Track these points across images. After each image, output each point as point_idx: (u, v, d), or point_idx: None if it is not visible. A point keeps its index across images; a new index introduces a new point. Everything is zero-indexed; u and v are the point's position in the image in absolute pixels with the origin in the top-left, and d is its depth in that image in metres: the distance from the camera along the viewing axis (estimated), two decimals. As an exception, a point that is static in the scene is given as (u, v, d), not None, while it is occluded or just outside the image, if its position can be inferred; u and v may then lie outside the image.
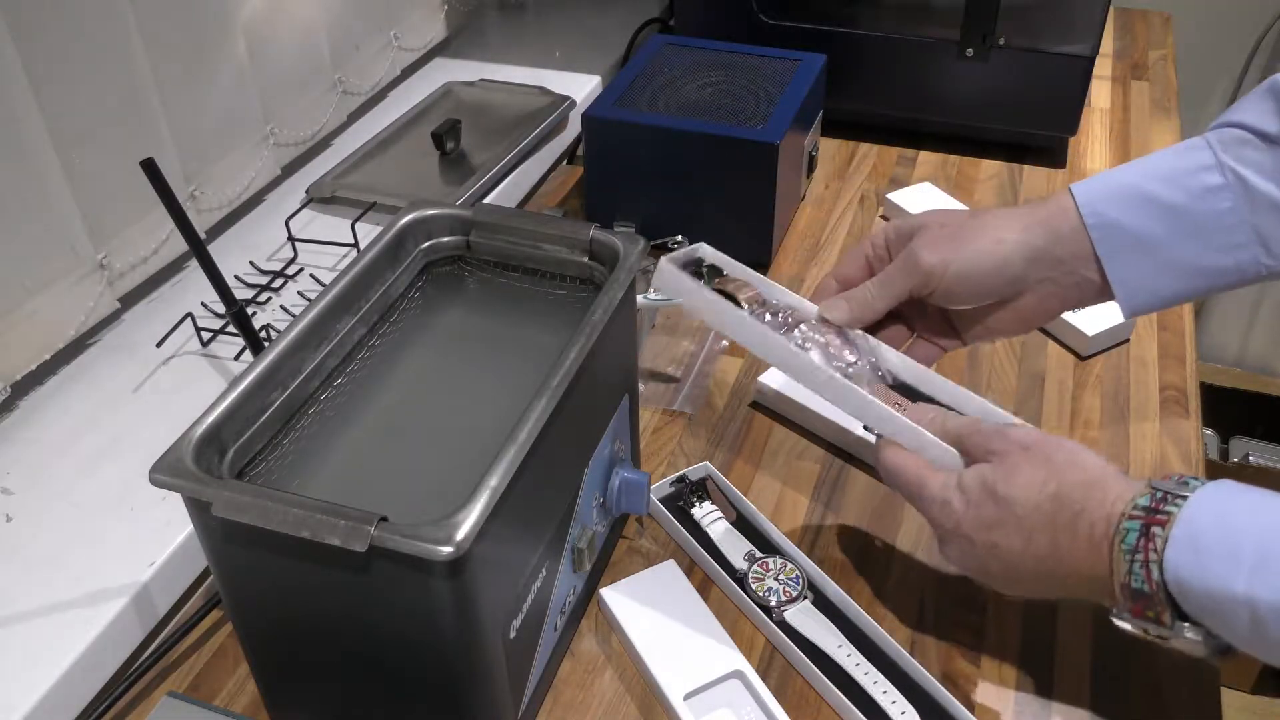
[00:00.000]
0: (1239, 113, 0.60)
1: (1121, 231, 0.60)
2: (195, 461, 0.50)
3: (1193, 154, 0.60)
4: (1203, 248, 0.59)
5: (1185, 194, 0.59)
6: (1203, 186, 0.59)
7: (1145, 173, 0.60)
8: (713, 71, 1.04)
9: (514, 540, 0.53)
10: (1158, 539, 0.48)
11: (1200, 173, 0.59)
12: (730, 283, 0.69)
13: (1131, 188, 0.60)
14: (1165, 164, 0.60)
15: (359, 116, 1.17)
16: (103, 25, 0.79)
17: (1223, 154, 0.59)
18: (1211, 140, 0.60)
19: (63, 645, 0.62)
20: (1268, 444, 1.80)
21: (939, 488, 0.58)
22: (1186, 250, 0.59)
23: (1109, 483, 0.52)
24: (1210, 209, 0.58)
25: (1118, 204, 0.60)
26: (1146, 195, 0.59)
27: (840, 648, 0.64)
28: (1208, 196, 0.58)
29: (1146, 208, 0.59)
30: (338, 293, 0.62)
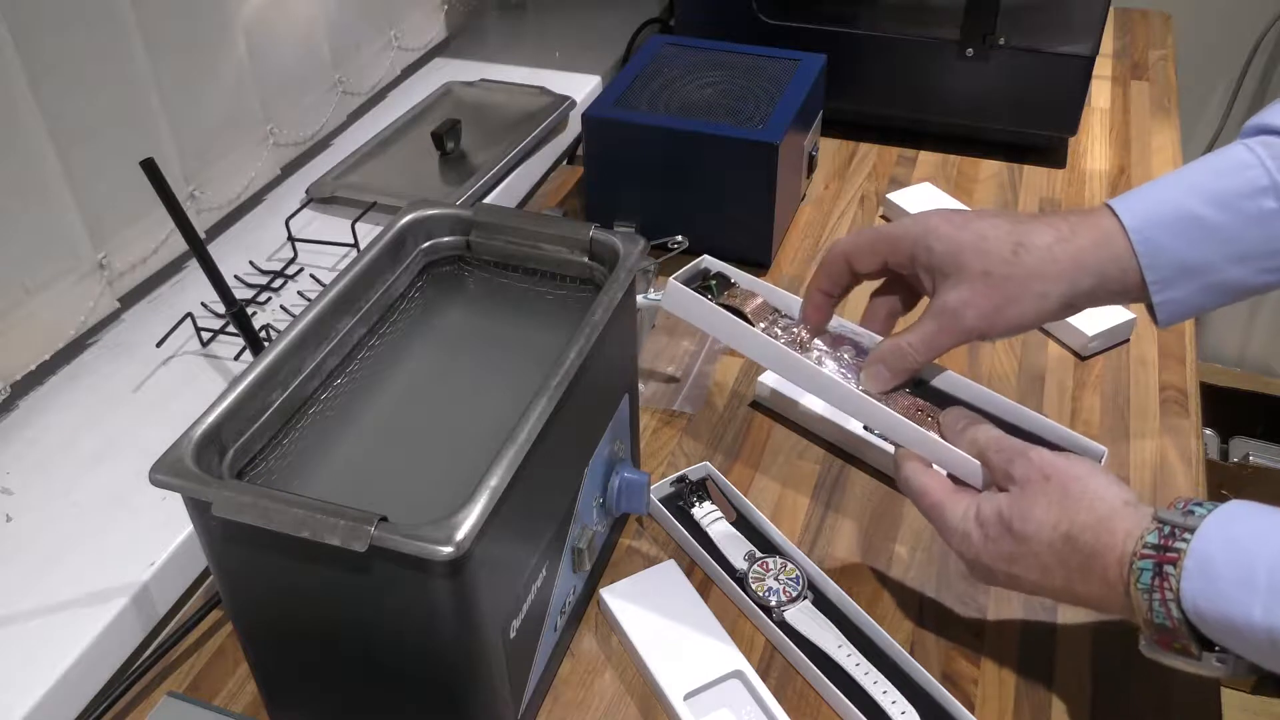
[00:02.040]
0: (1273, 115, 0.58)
1: (1174, 258, 0.58)
2: (195, 461, 0.50)
3: (1246, 173, 0.57)
4: (1246, 270, 0.58)
5: (1240, 219, 0.57)
6: (1259, 211, 0.56)
7: (1195, 192, 0.58)
8: (713, 71, 1.04)
9: (514, 540, 0.53)
10: (1171, 577, 0.49)
11: (1257, 196, 0.56)
12: (737, 295, 0.69)
13: (1182, 211, 0.58)
14: (1216, 184, 0.58)
15: (359, 116, 1.17)
16: (103, 25, 0.79)
17: (1278, 174, 0.56)
18: (1263, 157, 0.57)
19: (63, 645, 0.62)
20: (1268, 444, 1.80)
21: (958, 519, 0.58)
22: (1232, 273, 0.58)
23: (1117, 521, 0.52)
24: (1262, 234, 0.57)
25: (1168, 229, 0.58)
26: (1197, 219, 0.57)
27: (840, 648, 0.64)
28: (1264, 221, 0.57)
29: (1199, 232, 0.57)
30: (338, 293, 0.62)
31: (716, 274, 0.71)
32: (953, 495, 0.59)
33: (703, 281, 0.71)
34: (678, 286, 0.69)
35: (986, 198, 1.10)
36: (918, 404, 0.63)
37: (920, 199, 1.06)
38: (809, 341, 0.67)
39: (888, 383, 0.63)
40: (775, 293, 0.70)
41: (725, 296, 0.70)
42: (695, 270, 0.72)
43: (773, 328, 0.68)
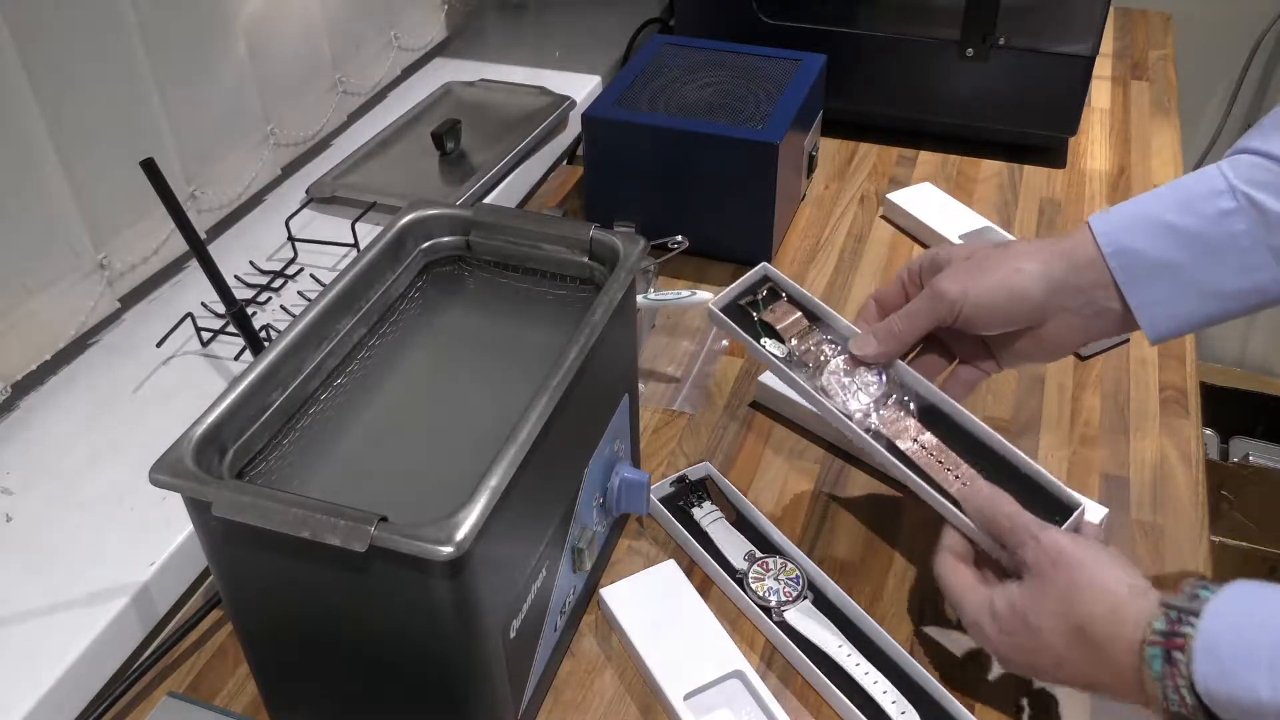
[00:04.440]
0: (1251, 139, 0.61)
1: (1139, 258, 0.61)
2: (195, 461, 0.50)
3: (1205, 180, 0.60)
4: (1221, 271, 0.59)
5: (1199, 219, 0.59)
6: (1217, 210, 0.59)
7: (1159, 201, 0.61)
8: (713, 71, 1.04)
9: (514, 540, 0.53)
10: (1180, 663, 0.49)
11: (1213, 197, 0.59)
12: (778, 310, 0.71)
13: (1147, 216, 0.61)
14: (1179, 191, 0.61)
15: (359, 116, 1.17)
16: (103, 25, 0.79)
17: (1235, 179, 0.59)
18: (1224, 167, 0.60)
19: (63, 645, 0.62)
20: (1268, 444, 1.80)
21: (974, 609, 0.59)
22: (1204, 274, 0.60)
23: (1125, 610, 0.53)
24: (1225, 232, 0.59)
25: (1134, 232, 0.61)
26: (1161, 222, 0.60)
27: (840, 647, 0.64)
28: (1222, 220, 0.59)
29: (1162, 234, 0.60)
30: (338, 293, 0.62)
31: (769, 287, 0.72)
32: (973, 589, 0.60)
33: (753, 296, 0.72)
34: (714, 311, 0.71)
35: (986, 198, 1.10)
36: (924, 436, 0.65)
37: (920, 199, 1.06)
38: (829, 358, 0.68)
39: (874, 349, 0.67)
40: (825, 310, 0.71)
41: (765, 312, 0.71)
42: (756, 278, 0.73)
43: (801, 344, 0.69)
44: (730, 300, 0.72)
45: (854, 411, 0.66)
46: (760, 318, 0.71)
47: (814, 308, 0.71)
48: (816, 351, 0.69)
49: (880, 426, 0.66)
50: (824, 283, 0.98)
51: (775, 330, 0.70)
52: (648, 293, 0.87)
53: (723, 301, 0.72)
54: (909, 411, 0.66)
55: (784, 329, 0.70)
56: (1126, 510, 0.75)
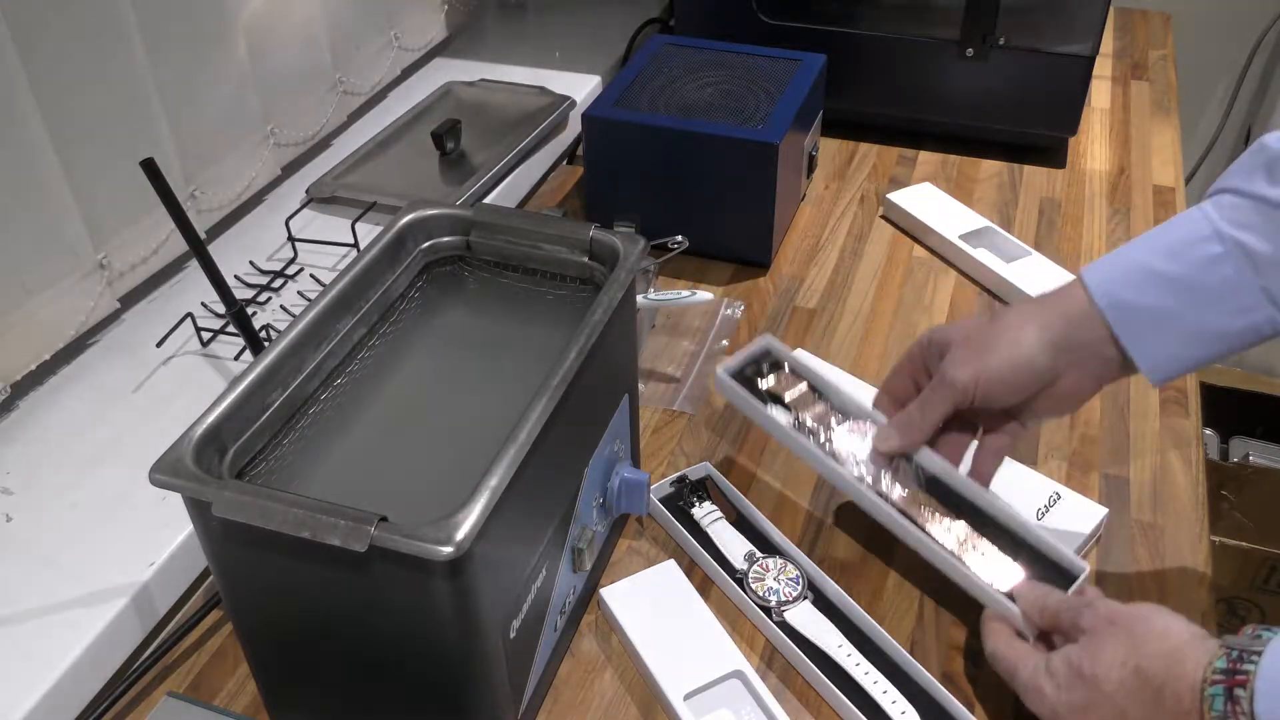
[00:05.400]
0: (1231, 178, 0.61)
1: (1133, 308, 0.61)
2: (195, 461, 0.50)
3: (1191, 225, 0.61)
4: (1215, 315, 0.60)
5: (1188, 265, 0.60)
6: (1204, 256, 0.60)
7: (1149, 248, 0.62)
8: (713, 71, 1.04)
9: (514, 540, 0.53)
10: (1242, 700, 0.49)
11: (1200, 243, 0.60)
12: (783, 380, 0.73)
13: (1136, 265, 0.62)
14: (1166, 237, 0.62)
15: (359, 116, 1.17)
16: (103, 25, 0.79)
17: (1220, 222, 0.60)
18: (1208, 209, 0.61)
19: (63, 645, 0.62)
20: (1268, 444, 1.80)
21: (1030, 673, 0.59)
22: (1199, 319, 0.60)
23: (1186, 651, 0.53)
24: (1215, 277, 0.59)
25: (1125, 283, 0.62)
26: (1152, 271, 0.61)
27: (840, 647, 0.64)
28: (1211, 266, 0.59)
29: (1154, 283, 0.61)
30: (338, 293, 0.62)
31: (771, 359, 0.74)
32: (1028, 654, 0.60)
33: (756, 366, 0.74)
34: (723, 376, 0.73)
35: (986, 198, 1.10)
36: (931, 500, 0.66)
37: (920, 199, 1.06)
38: (839, 425, 0.70)
39: (898, 443, 0.68)
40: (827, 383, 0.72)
41: (771, 383, 0.73)
42: (760, 349, 0.75)
43: (809, 413, 0.71)
44: (736, 369, 0.74)
45: (865, 476, 0.67)
46: (765, 387, 0.73)
47: (813, 378, 0.73)
48: (824, 419, 0.70)
49: (889, 492, 0.67)
50: (824, 282, 0.98)
51: (781, 399, 0.71)
52: (648, 293, 0.87)
53: (731, 369, 0.74)
54: (915, 478, 0.68)
55: (790, 398, 0.71)
56: (1126, 510, 0.75)
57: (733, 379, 0.72)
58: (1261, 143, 0.60)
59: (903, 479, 0.67)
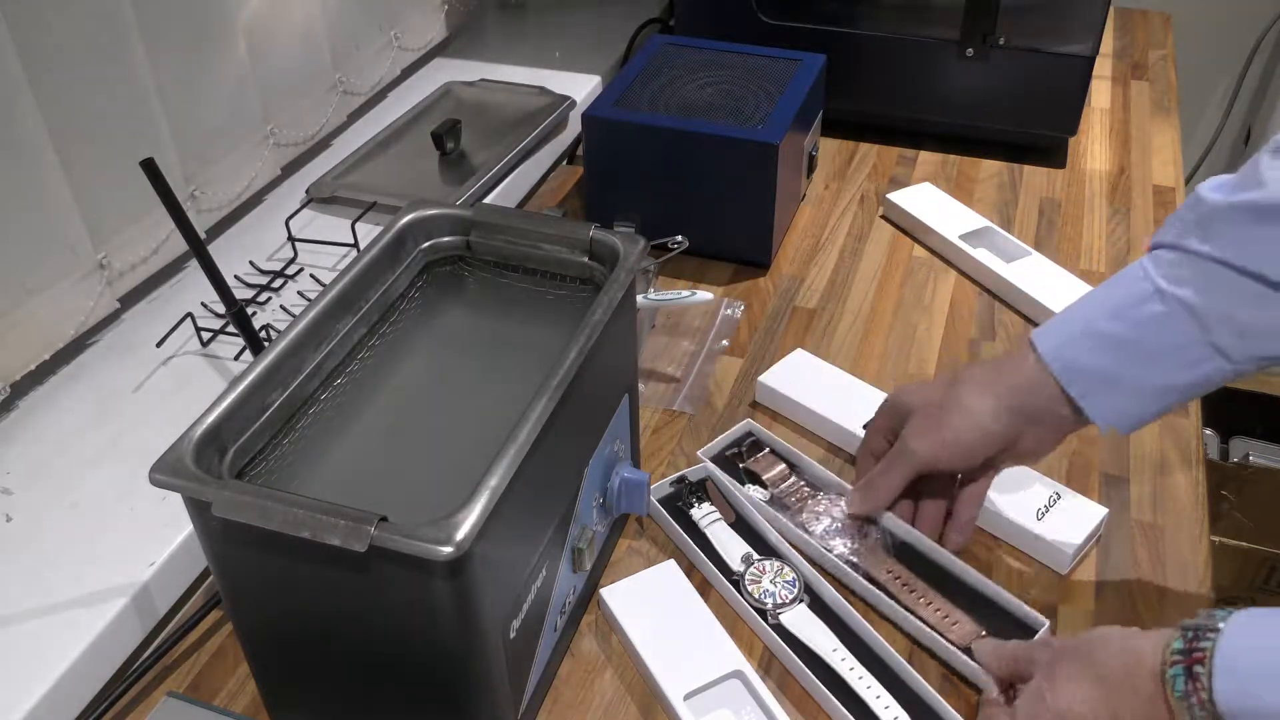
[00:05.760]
0: (1167, 232, 0.62)
1: (1084, 370, 0.63)
2: (195, 461, 0.50)
3: (1133, 284, 0.62)
4: (1163, 371, 0.61)
5: (1133, 326, 0.61)
6: (1148, 315, 0.61)
7: (1096, 310, 0.64)
8: (713, 71, 1.04)
9: (514, 540, 0.53)
10: (1201, 677, 0.49)
11: (1143, 303, 0.61)
12: (761, 460, 0.77)
13: (1086, 328, 0.63)
14: (1111, 299, 0.63)
15: (359, 116, 1.17)
16: (103, 25, 0.79)
17: (1159, 280, 0.61)
18: (1148, 267, 0.62)
19: (63, 645, 0.62)
20: (1268, 444, 1.80)
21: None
22: (1150, 376, 0.62)
23: (1142, 644, 0.53)
24: (1160, 337, 0.61)
25: (1075, 346, 0.63)
26: (1099, 333, 0.63)
27: (835, 651, 0.64)
28: (1155, 325, 0.61)
29: (1102, 345, 0.62)
30: (338, 293, 0.62)
31: (751, 441, 0.79)
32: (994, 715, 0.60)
33: (738, 449, 0.79)
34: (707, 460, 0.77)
35: (986, 198, 1.10)
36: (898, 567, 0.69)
37: (920, 199, 1.06)
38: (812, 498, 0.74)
39: (862, 506, 0.72)
40: (802, 460, 0.76)
41: (750, 461, 0.77)
42: (741, 433, 0.80)
43: (784, 489, 0.75)
44: (718, 451, 0.79)
45: (834, 546, 0.71)
46: (745, 466, 0.77)
47: (793, 457, 0.77)
48: (797, 494, 0.75)
49: (857, 559, 0.70)
50: (824, 282, 0.98)
51: (759, 478, 0.76)
52: (648, 293, 0.87)
53: (710, 452, 0.78)
54: (884, 546, 0.70)
55: (768, 477, 0.76)
56: (1126, 510, 0.75)
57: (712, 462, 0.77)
58: (1197, 194, 0.61)
59: (872, 545, 0.70)
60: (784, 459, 0.77)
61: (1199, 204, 0.60)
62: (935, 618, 0.65)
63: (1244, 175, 0.59)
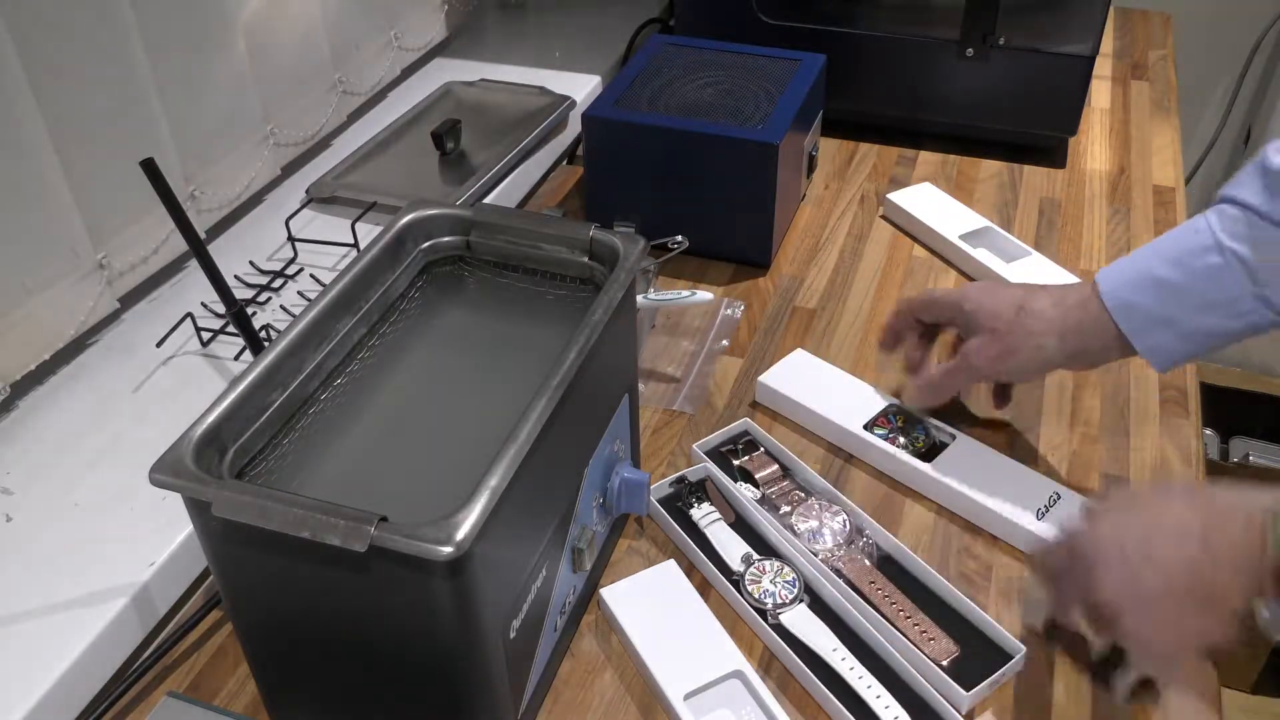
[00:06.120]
0: (1232, 187, 0.66)
1: (1140, 312, 0.68)
2: (195, 461, 0.50)
3: (1195, 236, 0.66)
4: (1214, 318, 0.66)
5: (1191, 275, 0.66)
6: (1205, 266, 0.65)
7: (1157, 256, 0.68)
8: (713, 71, 1.04)
9: (514, 540, 0.53)
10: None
11: (1202, 253, 0.65)
12: (755, 460, 0.78)
13: (1145, 273, 0.68)
14: (1173, 246, 0.67)
15: (359, 116, 1.17)
16: (103, 25, 0.79)
17: (1220, 234, 0.65)
18: (1211, 219, 0.66)
19: (63, 645, 0.62)
20: (1268, 444, 1.80)
21: None
22: (1200, 322, 0.66)
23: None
24: (1215, 286, 0.65)
25: (1134, 288, 0.68)
26: (1158, 279, 0.67)
27: (835, 651, 0.64)
28: (1211, 275, 0.65)
29: (1158, 289, 0.67)
30: (338, 293, 0.62)
31: (747, 440, 0.80)
32: None
33: (733, 445, 0.79)
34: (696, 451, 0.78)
35: (986, 198, 1.10)
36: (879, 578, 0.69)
37: (920, 199, 1.06)
38: (803, 502, 0.74)
39: (924, 401, 0.80)
40: (796, 463, 0.77)
41: (745, 460, 0.78)
42: (737, 431, 0.80)
43: (775, 489, 0.76)
44: (713, 447, 0.79)
45: (818, 551, 0.71)
46: (739, 464, 0.78)
47: (786, 460, 0.77)
48: (788, 496, 0.75)
49: (841, 565, 0.70)
50: (824, 282, 0.98)
51: (752, 476, 0.76)
52: (648, 293, 0.87)
53: (706, 446, 0.79)
54: (868, 555, 0.70)
55: (760, 476, 0.76)
56: (1126, 510, 0.75)
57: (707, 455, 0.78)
58: (1263, 155, 0.64)
59: (857, 554, 0.70)
60: (777, 460, 0.77)
61: (1263, 164, 0.64)
62: (914, 632, 0.65)
63: None
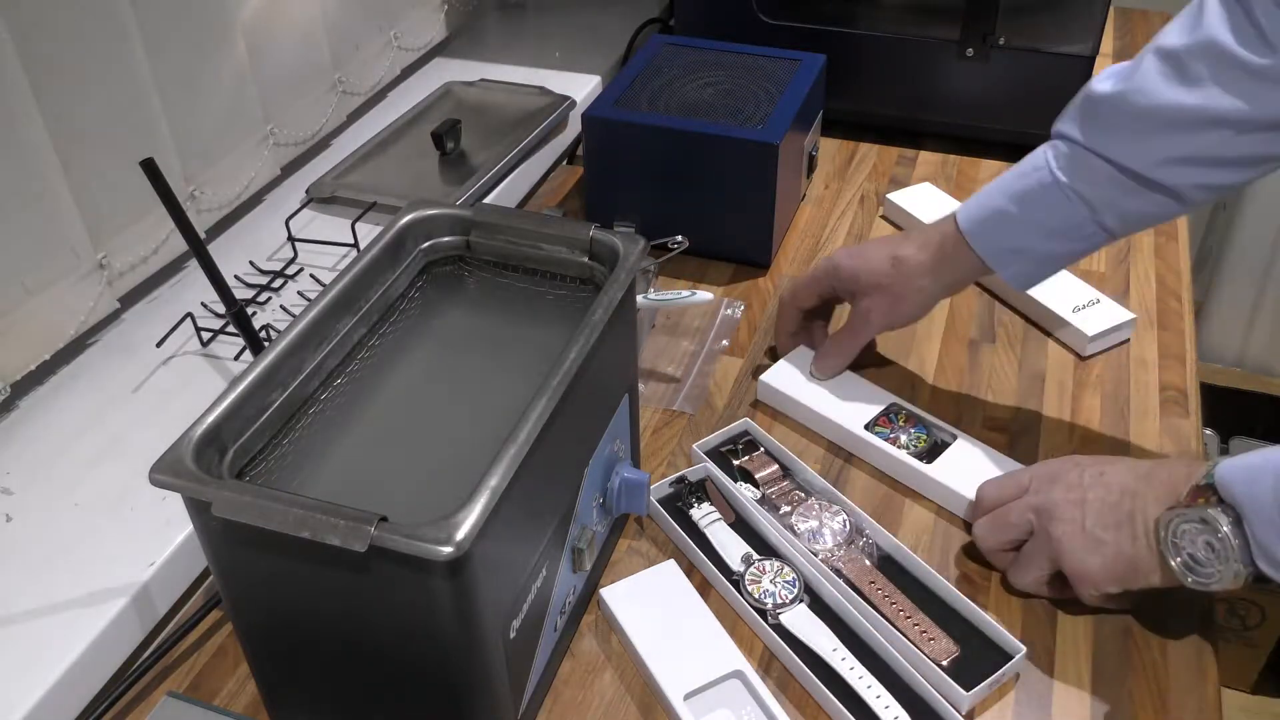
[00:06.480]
0: (1062, 121, 0.72)
1: (997, 244, 0.75)
2: (195, 461, 0.50)
3: (1035, 173, 0.73)
4: (1061, 244, 0.74)
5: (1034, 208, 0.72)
6: (1046, 201, 0.72)
7: (1003, 192, 0.74)
8: (713, 71, 1.04)
9: (514, 540, 0.53)
10: None
11: (1043, 191, 0.72)
12: (755, 460, 0.78)
13: (997, 209, 0.74)
14: (1017, 183, 0.74)
15: (359, 116, 1.17)
16: (103, 25, 0.79)
17: (1057, 170, 0.71)
18: (1049, 156, 0.72)
19: (63, 645, 0.62)
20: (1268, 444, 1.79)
21: None
22: (1049, 247, 0.74)
23: None
24: (1057, 216, 0.72)
25: (987, 224, 0.75)
26: (1006, 214, 0.74)
27: (835, 651, 0.64)
28: (1052, 208, 0.72)
29: (1010, 224, 0.74)
30: (338, 293, 0.62)
31: (747, 440, 0.80)
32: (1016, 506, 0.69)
33: (733, 445, 0.79)
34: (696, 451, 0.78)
35: (986, 198, 1.10)
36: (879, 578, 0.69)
37: (920, 199, 1.06)
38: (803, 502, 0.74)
39: (831, 368, 0.83)
40: (796, 463, 0.77)
41: (745, 460, 0.78)
42: (737, 431, 0.80)
43: (775, 489, 0.76)
44: (713, 447, 0.79)
45: (818, 551, 0.70)
46: (739, 464, 0.78)
47: (786, 460, 0.77)
48: (788, 496, 0.75)
49: (841, 565, 0.70)
50: (824, 283, 0.98)
51: (752, 476, 0.77)
52: (648, 293, 0.87)
53: (706, 446, 0.79)
54: (868, 555, 0.70)
55: (760, 476, 0.76)
56: (1126, 510, 0.75)
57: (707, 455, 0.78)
58: (1088, 90, 0.71)
59: (857, 554, 0.70)
60: (777, 460, 0.77)
61: (1090, 100, 0.71)
62: (914, 632, 0.65)
63: (1130, 71, 0.68)
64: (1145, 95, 0.66)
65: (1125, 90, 0.68)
